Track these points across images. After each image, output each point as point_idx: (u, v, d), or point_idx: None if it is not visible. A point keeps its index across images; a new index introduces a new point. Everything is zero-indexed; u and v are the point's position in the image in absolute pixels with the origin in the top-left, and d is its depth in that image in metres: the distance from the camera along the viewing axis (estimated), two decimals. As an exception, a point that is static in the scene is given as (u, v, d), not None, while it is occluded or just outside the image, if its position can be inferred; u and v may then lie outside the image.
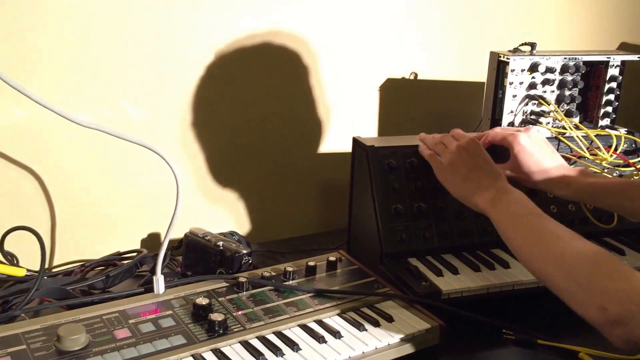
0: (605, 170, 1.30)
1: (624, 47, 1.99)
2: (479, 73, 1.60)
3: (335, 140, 1.58)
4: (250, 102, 1.45)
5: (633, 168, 1.32)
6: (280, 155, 1.53)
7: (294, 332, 0.97)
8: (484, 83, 1.44)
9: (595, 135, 1.34)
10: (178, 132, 1.38)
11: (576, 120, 1.41)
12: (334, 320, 1.01)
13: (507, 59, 1.35)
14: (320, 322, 1.00)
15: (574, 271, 0.86)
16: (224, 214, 1.49)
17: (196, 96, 1.37)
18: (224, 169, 1.46)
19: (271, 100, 1.47)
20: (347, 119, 1.58)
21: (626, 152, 1.38)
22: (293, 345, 0.93)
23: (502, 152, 1.21)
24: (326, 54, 1.51)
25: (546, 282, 0.92)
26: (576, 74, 1.41)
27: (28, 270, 1.18)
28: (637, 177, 1.32)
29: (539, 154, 1.18)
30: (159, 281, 1.04)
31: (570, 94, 1.41)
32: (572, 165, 1.27)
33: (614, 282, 0.82)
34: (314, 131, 1.56)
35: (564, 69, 1.39)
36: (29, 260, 1.22)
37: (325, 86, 1.53)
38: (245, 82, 1.43)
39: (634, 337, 0.78)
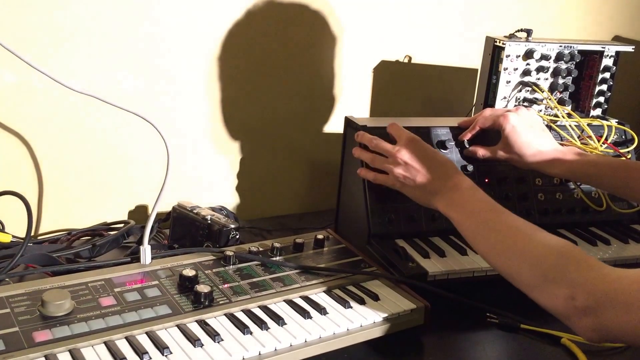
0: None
1: (617, 41, 1.99)
2: (472, 60, 1.61)
3: (327, 120, 1.57)
4: (241, 77, 1.44)
5: (623, 158, 1.33)
6: (271, 133, 1.52)
7: (280, 307, 0.98)
8: (477, 70, 1.44)
9: (587, 125, 1.34)
10: (167, 104, 1.36)
11: (569, 108, 1.41)
12: (320, 297, 1.01)
13: (503, 44, 1.34)
14: (306, 298, 1.00)
15: (539, 263, 0.85)
16: (212, 189, 1.49)
17: (186, 69, 1.36)
18: (214, 143, 1.45)
19: (263, 76, 1.46)
20: (340, 99, 1.57)
21: (616, 143, 1.38)
22: (278, 320, 0.93)
23: (493, 135, 1.21)
24: (321, 33, 1.50)
25: (510, 276, 0.90)
26: (570, 62, 1.41)
27: (14, 236, 1.17)
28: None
29: (530, 133, 1.18)
30: (146, 251, 1.04)
31: (563, 82, 1.41)
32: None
33: (581, 272, 0.81)
34: (306, 109, 1.55)
35: (559, 57, 1.39)
36: (15, 227, 1.21)
37: (318, 65, 1.52)
38: (235, 57, 1.41)
39: (602, 326, 0.77)
